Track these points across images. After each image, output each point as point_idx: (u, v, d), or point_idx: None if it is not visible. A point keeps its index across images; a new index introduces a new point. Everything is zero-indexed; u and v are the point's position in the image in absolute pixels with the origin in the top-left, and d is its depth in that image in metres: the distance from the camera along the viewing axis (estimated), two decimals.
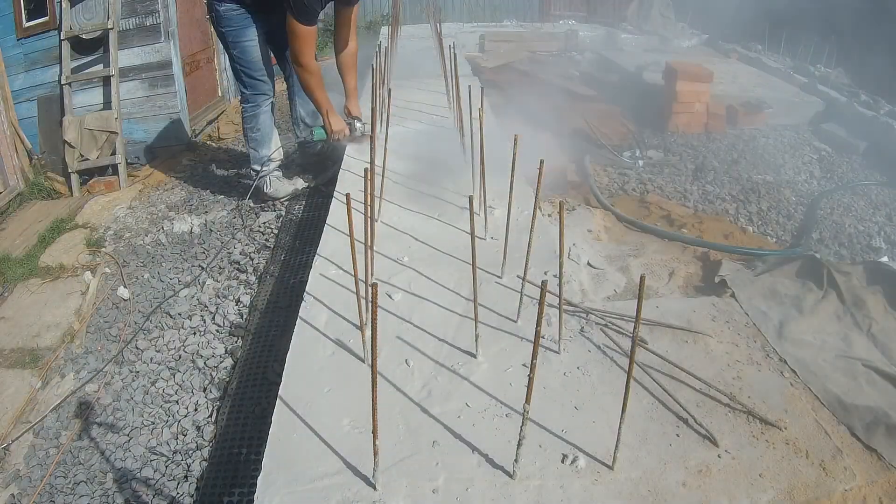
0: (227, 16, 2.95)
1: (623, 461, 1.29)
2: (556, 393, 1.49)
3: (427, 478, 1.26)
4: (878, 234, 3.06)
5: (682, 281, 2.21)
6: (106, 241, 3.35)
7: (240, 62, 3.06)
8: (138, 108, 4.74)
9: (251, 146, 3.25)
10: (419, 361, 1.60)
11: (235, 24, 2.97)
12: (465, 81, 2.81)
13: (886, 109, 4.35)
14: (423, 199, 2.49)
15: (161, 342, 2.45)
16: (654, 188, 3.43)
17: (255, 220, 3.26)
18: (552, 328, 1.68)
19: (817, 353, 1.70)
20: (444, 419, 1.41)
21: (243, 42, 3.01)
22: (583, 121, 4.25)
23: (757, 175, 3.65)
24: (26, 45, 4.53)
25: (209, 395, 2.15)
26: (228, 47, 3.07)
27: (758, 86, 4.98)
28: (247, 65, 3.06)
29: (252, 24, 3.00)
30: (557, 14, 9.00)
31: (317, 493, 1.23)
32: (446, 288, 1.91)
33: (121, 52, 4.50)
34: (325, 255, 2.11)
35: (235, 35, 3.00)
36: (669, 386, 1.52)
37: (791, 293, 1.99)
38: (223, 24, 2.98)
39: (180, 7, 4.89)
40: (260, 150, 3.22)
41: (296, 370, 1.58)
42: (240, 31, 2.99)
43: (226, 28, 2.99)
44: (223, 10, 2.94)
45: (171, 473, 1.87)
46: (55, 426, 2.13)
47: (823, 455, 1.34)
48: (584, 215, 2.77)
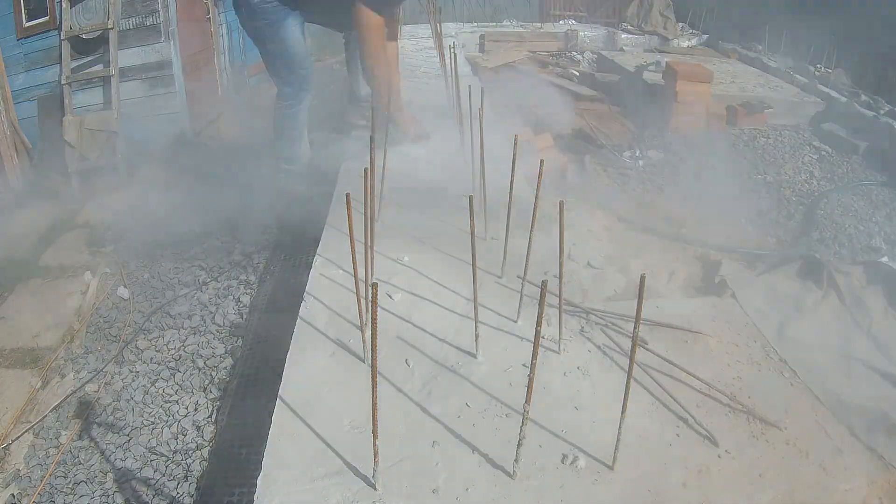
0: (262, 8, 2.71)
1: (623, 461, 1.29)
2: (556, 393, 1.49)
3: (427, 478, 1.26)
4: (878, 234, 3.06)
5: (682, 281, 2.21)
6: (106, 241, 3.35)
7: (280, 57, 2.83)
8: (138, 108, 4.73)
9: (285, 143, 3.07)
10: (419, 361, 1.60)
11: (273, 17, 2.74)
12: (465, 81, 2.81)
13: (886, 109, 4.35)
14: (423, 199, 2.49)
15: (161, 342, 2.45)
16: (654, 188, 3.43)
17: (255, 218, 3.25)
18: (552, 328, 1.68)
19: (817, 353, 1.70)
20: (444, 419, 1.41)
21: (283, 35, 2.77)
22: (583, 121, 4.25)
23: (757, 175, 3.65)
24: (26, 45, 4.53)
25: (209, 395, 2.15)
26: (265, 42, 2.82)
27: (758, 86, 4.98)
28: (288, 59, 2.83)
29: (290, 15, 2.76)
30: (557, 14, 8.99)
31: (317, 493, 1.23)
32: (446, 288, 1.91)
33: (121, 52, 4.50)
34: (325, 255, 2.11)
35: (273, 29, 2.75)
36: (669, 386, 1.52)
37: (791, 293, 1.99)
38: (258, 18, 2.75)
39: (180, 7, 4.89)
40: (293, 149, 3.06)
41: (296, 370, 1.58)
42: (278, 23, 2.75)
43: (261, 22, 2.75)
44: (257, 2, 2.70)
45: (171, 473, 1.87)
46: (55, 426, 2.13)
47: (823, 455, 1.34)
48: (584, 215, 2.77)
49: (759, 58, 5.96)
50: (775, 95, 4.68)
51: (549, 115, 3.99)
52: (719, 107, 4.39)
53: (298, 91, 2.93)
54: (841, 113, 4.47)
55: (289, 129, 3.02)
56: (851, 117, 4.34)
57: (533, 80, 5.21)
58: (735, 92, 4.76)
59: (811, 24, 5.21)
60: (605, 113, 4.55)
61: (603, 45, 7.14)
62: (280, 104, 2.99)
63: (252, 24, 2.82)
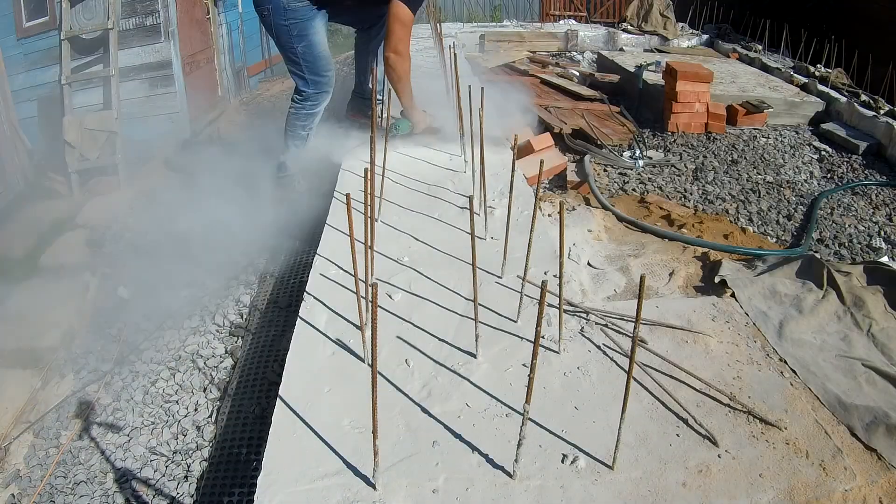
0: (292, 7, 2.72)
1: (623, 461, 1.29)
2: (556, 393, 1.49)
3: (427, 478, 1.26)
4: (878, 234, 3.06)
5: (682, 281, 2.21)
6: (106, 241, 3.34)
7: (305, 58, 2.82)
8: (138, 108, 4.74)
9: (295, 143, 3.05)
10: (419, 361, 1.60)
11: (301, 17, 2.74)
12: (465, 81, 2.81)
13: (886, 109, 4.35)
14: (423, 199, 2.49)
15: (161, 342, 2.45)
16: (654, 188, 3.43)
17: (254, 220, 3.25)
18: (552, 328, 1.68)
19: (817, 353, 1.70)
20: (444, 419, 1.41)
21: (310, 35, 2.78)
22: (583, 121, 4.25)
23: (757, 175, 3.65)
24: (26, 45, 4.53)
25: (209, 395, 2.15)
26: (292, 42, 2.80)
27: (758, 86, 4.98)
28: (313, 59, 2.84)
29: (318, 15, 2.79)
30: (557, 14, 8.99)
31: (317, 493, 1.23)
32: (446, 288, 1.91)
33: (121, 52, 4.50)
34: (325, 255, 2.11)
35: (302, 28, 2.76)
36: (669, 386, 1.52)
37: (791, 293, 1.99)
38: (286, 17, 2.74)
39: (180, 7, 4.89)
40: (301, 150, 3.06)
41: (296, 370, 1.58)
42: (307, 23, 2.76)
43: (290, 21, 2.74)
44: (286, 1, 2.71)
45: (171, 473, 1.87)
46: (55, 426, 2.13)
47: (823, 455, 1.34)
48: (584, 215, 2.77)
49: (759, 58, 5.96)
50: (775, 95, 4.68)
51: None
52: (719, 107, 4.40)
53: (320, 92, 2.94)
54: (841, 113, 4.47)
55: (302, 129, 3.01)
56: (851, 117, 4.34)
57: (533, 79, 5.21)
58: (735, 92, 4.76)
59: (811, 24, 5.21)
60: (605, 113, 4.55)
61: (603, 45, 7.14)
62: (300, 104, 2.97)
63: (279, 23, 2.79)
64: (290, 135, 3.06)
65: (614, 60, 5.87)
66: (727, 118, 4.37)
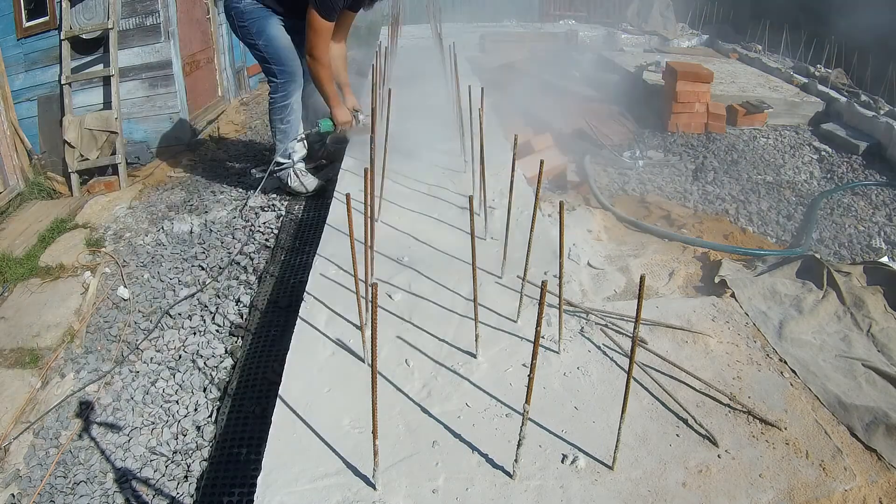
0: (247, 10, 2.99)
1: (623, 461, 1.29)
2: (556, 393, 1.49)
3: (427, 478, 1.26)
4: (878, 234, 3.06)
5: (682, 281, 2.21)
6: (106, 241, 3.34)
7: (267, 51, 3.07)
8: (138, 108, 4.73)
9: (278, 138, 3.26)
10: (419, 361, 1.60)
11: (256, 16, 3.01)
12: (465, 81, 2.81)
13: (886, 109, 4.35)
14: (423, 199, 2.49)
15: (161, 342, 2.45)
16: (654, 188, 3.43)
17: (255, 219, 3.26)
18: (552, 328, 1.68)
19: (817, 353, 1.70)
20: (444, 419, 1.41)
21: (268, 31, 3.03)
22: (583, 121, 4.25)
23: (757, 175, 3.65)
24: (26, 45, 4.52)
25: (209, 395, 2.15)
26: (253, 39, 3.07)
27: (758, 86, 4.98)
28: (275, 52, 3.07)
29: (273, 16, 3.05)
30: (557, 14, 9.00)
31: (317, 493, 1.23)
32: (446, 288, 1.91)
33: (121, 52, 4.50)
34: (325, 255, 2.11)
35: (259, 25, 3.02)
36: (669, 386, 1.52)
37: (791, 293, 1.99)
38: (244, 19, 3.01)
39: (180, 7, 4.89)
40: (286, 142, 3.24)
41: (296, 370, 1.58)
42: (262, 20, 3.02)
43: (248, 21, 3.02)
44: (243, 5, 2.98)
45: (171, 473, 1.87)
46: (55, 426, 2.13)
47: (823, 455, 1.34)
48: (584, 215, 2.77)
49: (759, 58, 5.96)
50: (775, 95, 4.68)
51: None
52: (719, 107, 4.40)
53: (287, 83, 3.14)
54: (841, 113, 4.47)
55: (280, 123, 3.22)
56: (851, 117, 4.34)
57: (533, 79, 5.21)
58: (735, 92, 4.76)
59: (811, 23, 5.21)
60: (605, 113, 4.55)
61: (603, 45, 7.14)
62: (273, 97, 3.21)
63: (240, 25, 3.07)
64: (273, 130, 3.32)
65: (614, 60, 5.87)
66: (727, 118, 4.38)
